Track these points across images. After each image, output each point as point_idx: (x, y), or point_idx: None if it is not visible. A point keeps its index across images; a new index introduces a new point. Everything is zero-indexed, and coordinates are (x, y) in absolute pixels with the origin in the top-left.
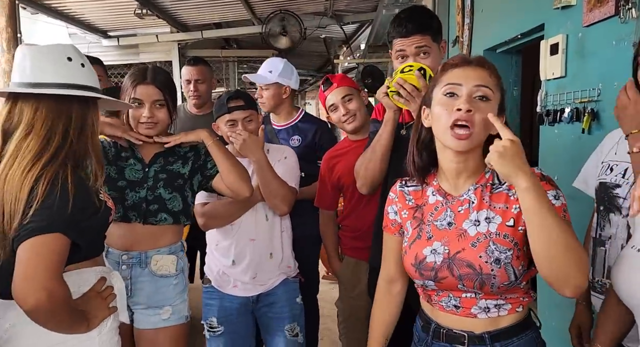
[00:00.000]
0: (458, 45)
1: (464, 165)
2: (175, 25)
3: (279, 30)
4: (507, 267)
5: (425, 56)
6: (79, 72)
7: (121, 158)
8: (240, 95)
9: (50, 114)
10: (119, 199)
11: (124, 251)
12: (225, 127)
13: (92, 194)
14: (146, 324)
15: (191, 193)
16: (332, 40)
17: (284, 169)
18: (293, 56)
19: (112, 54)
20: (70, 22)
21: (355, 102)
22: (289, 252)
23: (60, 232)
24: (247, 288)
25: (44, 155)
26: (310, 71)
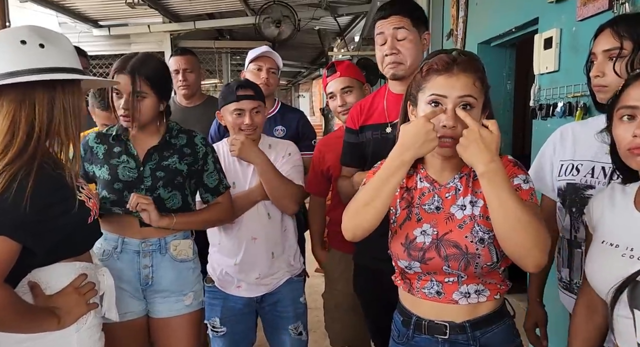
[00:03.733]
0: (452, 38)
1: (448, 161)
2: (167, 15)
3: (272, 21)
4: (490, 247)
5: (401, 42)
6: (38, 54)
7: (113, 154)
8: (250, 84)
9: (11, 106)
10: (117, 201)
11: (142, 239)
12: (231, 116)
13: (63, 192)
14: (169, 311)
15: (190, 192)
16: (326, 32)
17: (289, 166)
18: (287, 48)
19: (103, 44)
20: (60, 11)
21: (354, 95)
22: (292, 250)
23: (5, 235)
24: (251, 289)
25: (8, 152)
26: (304, 63)
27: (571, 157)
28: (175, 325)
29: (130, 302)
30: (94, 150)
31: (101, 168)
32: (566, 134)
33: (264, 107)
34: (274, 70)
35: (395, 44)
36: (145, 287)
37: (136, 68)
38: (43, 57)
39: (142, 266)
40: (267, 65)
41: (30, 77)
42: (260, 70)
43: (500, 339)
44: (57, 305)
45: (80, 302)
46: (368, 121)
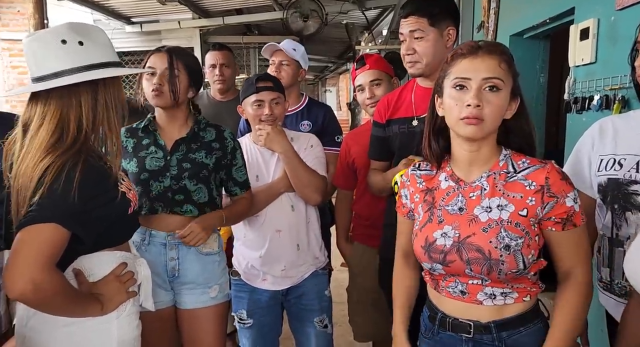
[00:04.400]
0: (483, 30)
1: (476, 153)
2: (197, 11)
3: (300, 15)
4: (517, 255)
5: (418, 41)
6: (78, 53)
7: (142, 146)
8: (270, 77)
9: (60, 104)
10: (144, 192)
11: (168, 232)
12: (251, 108)
13: (107, 184)
14: (195, 303)
15: (215, 186)
16: (354, 26)
17: (312, 157)
18: (314, 42)
19: (135, 40)
20: (95, 8)
21: (382, 88)
22: (317, 243)
23: (57, 222)
24: (277, 282)
25: (59, 147)
26: (331, 58)
27: (612, 151)
28: (201, 316)
29: (159, 292)
30: (124, 145)
31: (130, 161)
32: (606, 128)
33: (284, 99)
34: (287, 62)
35: (412, 44)
36: (172, 279)
37: (173, 50)
38: (83, 55)
39: (169, 258)
40: (278, 59)
41: (71, 77)
42: (273, 64)
43: (530, 341)
44: (100, 292)
45: (120, 290)
46: (395, 115)
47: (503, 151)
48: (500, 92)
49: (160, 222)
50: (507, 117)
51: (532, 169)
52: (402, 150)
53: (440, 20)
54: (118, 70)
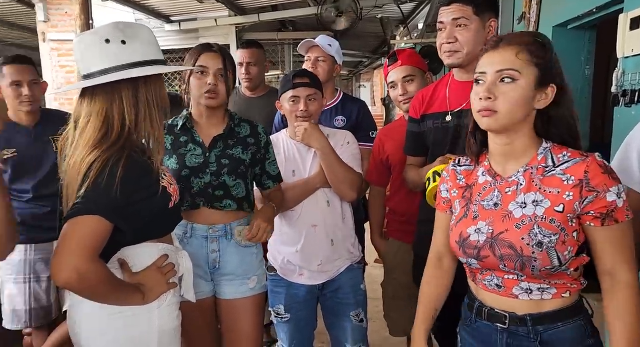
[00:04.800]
0: (524, 21)
1: (509, 147)
2: (234, 9)
3: (334, 11)
4: (550, 252)
5: (460, 29)
6: (121, 51)
7: (180, 144)
8: (307, 73)
9: (104, 102)
10: (185, 188)
11: (209, 225)
12: (288, 104)
13: (149, 179)
14: (234, 294)
15: (251, 181)
16: (389, 20)
17: (348, 154)
18: (348, 38)
19: (174, 38)
20: (136, 8)
21: (415, 84)
22: (351, 238)
23: (100, 215)
24: (313, 276)
25: (104, 143)
26: (365, 53)
27: None
28: (240, 306)
29: (200, 283)
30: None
31: (170, 158)
32: None
33: (322, 96)
34: (323, 59)
35: (454, 32)
36: (213, 271)
37: (223, 50)
38: (125, 54)
39: (210, 250)
40: (314, 55)
41: (112, 76)
42: (309, 61)
43: (568, 337)
44: (142, 282)
45: (162, 281)
46: (429, 110)
47: (543, 144)
48: (517, 83)
49: (202, 216)
50: (540, 107)
51: (572, 162)
52: (436, 146)
53: (484, 10)
54: (157, 68)
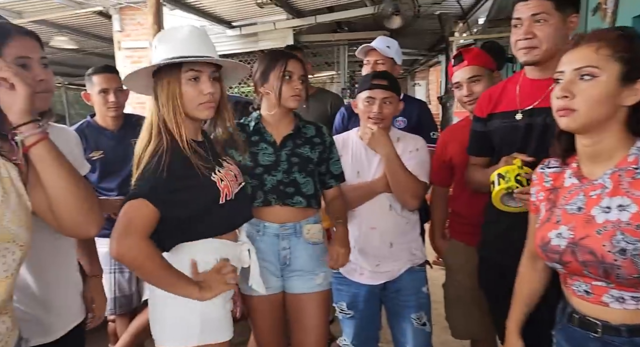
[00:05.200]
0: (599, 13)
1: (595, 148)
2: (291, 11)
3: (391, 9)
4: (636, 259)
5: (539, 25)
6: (154, 55)
7: (252, 143)
8: (387, 75)
9: (154, 90)
10: (258, 185)
11: (281, 224)
12: (362, 104)
13: (192, 170)
14: (302, 288)
15: (318, 179)
16: (447, 16)
17: (416, 161)
18: (404, 36)
19: (235, 43)
20: (201, 16)
21: (482, 84)
22: (414, 241)
23: (145, 198)
24: (373, 276)
25: (153, 129)
26: (421, 50)
27: None
28: (308, 301)
29: (270, 279)
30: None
31: (244, 156)
32: None
33: (399, 99)
34: (382, 61)
35: (532, 28)
36: (284, 267)
37: (300, 55)
38: (155, 56)
39: (281, 248)
40: (372, 58)
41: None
42: (368, 64)
43: None
44: (201, 279)
45: (220, 280)
46: (497, 109)
47: (637, 143)
48: (596, 80)
49: (273, 214)
50: (629, 103)
51: None
52: (503, 146)
53: (565, 4)
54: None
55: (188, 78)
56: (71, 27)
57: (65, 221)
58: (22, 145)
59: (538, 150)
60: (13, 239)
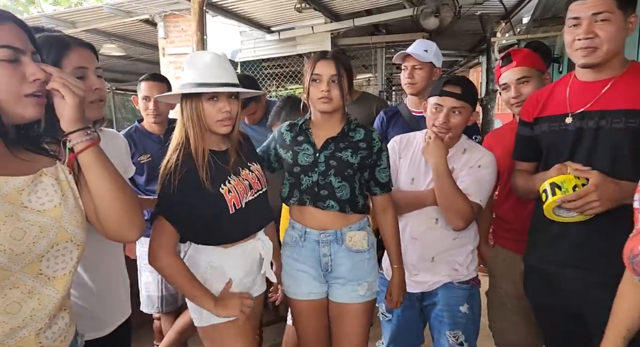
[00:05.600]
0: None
1: None
2: (329, 15)
3: (431, 11)
4: None
5: (601, 24)
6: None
7: (297, 142)
8: (462, 82)
9: (181, 106)
10: (295, 184)
11: (321, 230)
12: (430, 110)
13: (199, 185)
14: (345, 298)
15: (359, 185)
16: (489, 16)
17: (472, 179)
18: (443, 37)
19: (274, 47)
20: (242, 21)
21: (531, 85)
22: (461, 257)
23: (164, 216)
24: (410, 284)
25: (174, 150)
26: (461, 52)
27: None
28: (349, 311)
29: (314, 284)
30: (284, 137)
31: (287, 153)
32: None
33: (472, 109)
34: (419, 66)
35: (593, 27)
36: (326, 273)
37: (336, 56)
38: (183, 78)
39: (322, 254)
40: (410, 64)
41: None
42: (405, 70)
43: None
44: (222, 296)
45: (237, 306)
46: (544, 112)
47: None
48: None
49: (312, 219)
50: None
51: None
52: (552, 151)
53: (626, 3)
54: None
55: (207, 98)
56: (119, 35)
57: (109, 224)
58: (70, 152)
59: (589, 154)
60: (71, 238)
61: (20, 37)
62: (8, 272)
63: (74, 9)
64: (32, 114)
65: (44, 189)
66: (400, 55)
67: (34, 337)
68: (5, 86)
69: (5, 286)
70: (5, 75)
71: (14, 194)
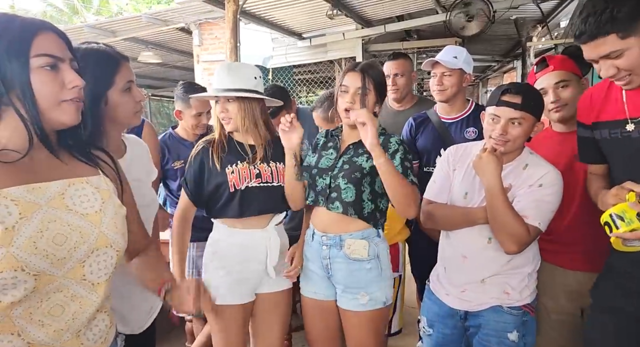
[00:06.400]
0: None
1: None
2: (360, 22)
3: (464, 16)
4: None
5: None
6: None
7: (326, 147)
8: (522, 91)
9: None
10: (312, 185)
11: (323, 233)
12: (486, 120)
13: (210, 162)
14: (346, 305)
15: (369, 190)
16: (524, 20)
17: (530, 199)
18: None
19: (305, 53)
20: (274, 28)
21: (571, 90)
22: (514, 281)
23: (184, 188)
24: (456, 300)
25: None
26: (495, 56)
27: None
28: (353, 319)
29: (320, 284)
30: (317, 141)
31: (313, 156)
32: None
33: (536, 120)
34: (448, 73)
35: None
36: (329, 276)
37: (365, 69)
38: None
39: (323, 256)
40: (439, 71)
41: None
42: (435, 77)
43: None
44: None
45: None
46: (601, 117)
47: None
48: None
49: (319, 219)
50: None
51: None
52: (615, 161)
53: None
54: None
55: (214, 101)
56: (156, 43)
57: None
58: None
59: None
60: (110, 244)
61: (59, 46)
62: (52, 277)
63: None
64: (70, 119)
65: (85, 195)
66: (429, 62)
67: (76, 339)
68: (46, 92)
69: (49, 291)
70: (46, 82)
71: (57, 199)
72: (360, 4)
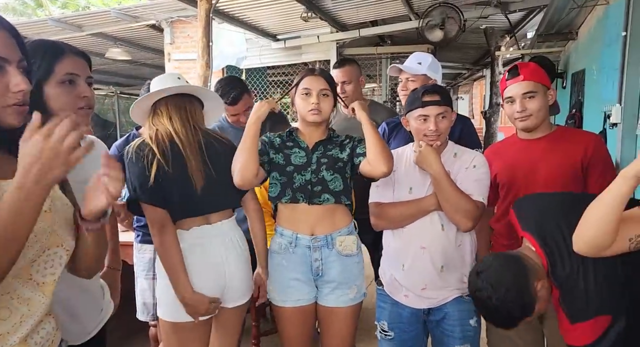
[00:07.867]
0: None
1: None
2: (335, 25)
3: (436, 23)
4: None
5: None
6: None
7: (287, 147)
8: (438, 89)
9: None
10: (288, 182)
11: (312, 236)
12: (415, 122)
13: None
14: (335, 302)
15: (350, 175)
16: (494, 30)
17: (471, 179)
18: (447, 49)
19: (279, 55)
20: (248, 29)
21: (537, 101)
22: (466, 268)
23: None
24: (417, 300)
25: None
26: (465, 64)
27: None
28: (340, 314)
29: (304, 289)
30: (272, 140)
31: (277, 154)
32: None
33: (452, 111)
34: (413, 79)
35: None
36: (317, 278)
37: (324, 73)
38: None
39: (313, 259)
40: (404, 76)
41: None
42: (401, 82)
43: None
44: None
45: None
46: None
47: None
48: None
49: (304, 219)
50: None
51: None
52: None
53: None
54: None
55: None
56: (125, 40)
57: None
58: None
59: None
60: (62, 243)
61: (7, 45)
62: None
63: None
64: (13, 122)
65: None
66: (394, 69)
67: (23, 344)
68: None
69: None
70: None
71: None
72: (336, 8)
